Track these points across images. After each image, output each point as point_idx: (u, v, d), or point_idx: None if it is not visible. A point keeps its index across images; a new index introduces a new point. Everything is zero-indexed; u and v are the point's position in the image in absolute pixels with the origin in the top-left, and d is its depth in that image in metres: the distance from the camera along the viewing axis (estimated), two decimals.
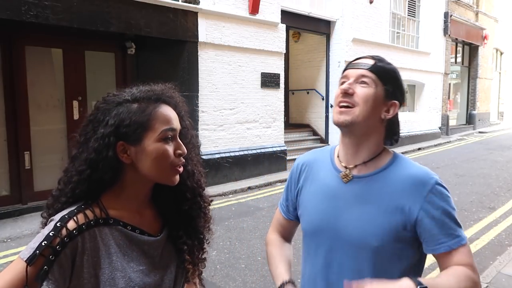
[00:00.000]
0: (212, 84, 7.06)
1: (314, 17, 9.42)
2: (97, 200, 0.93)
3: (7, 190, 5.73)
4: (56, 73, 6.26)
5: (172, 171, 0.95)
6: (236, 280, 3.55)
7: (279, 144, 8.29)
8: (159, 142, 0.92)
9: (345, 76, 1.12)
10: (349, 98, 1.08)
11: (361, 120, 1.07)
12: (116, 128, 0.90)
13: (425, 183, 1.06)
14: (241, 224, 5.07)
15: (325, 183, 1.16)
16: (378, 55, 1.18)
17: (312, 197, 1.18)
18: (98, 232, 0.90)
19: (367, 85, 1.08)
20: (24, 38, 5.73)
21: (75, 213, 0.88)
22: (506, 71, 21.24)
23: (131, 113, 0.91)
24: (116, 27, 5.79)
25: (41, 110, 6.02)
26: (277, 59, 8.17)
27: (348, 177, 1.12)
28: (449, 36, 14.22)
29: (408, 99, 13.71)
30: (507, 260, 3.79)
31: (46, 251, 0.81)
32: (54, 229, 0.84)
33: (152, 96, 0.95)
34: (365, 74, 1.09)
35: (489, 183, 7.12)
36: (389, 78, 1.12)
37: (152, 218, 1.02)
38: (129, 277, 0.91)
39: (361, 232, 1.07)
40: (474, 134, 15.64)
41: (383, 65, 1.13)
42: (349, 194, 1.11)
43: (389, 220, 1.05)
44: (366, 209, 1.07)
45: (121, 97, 0.95)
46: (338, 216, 1.11)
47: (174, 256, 1.05)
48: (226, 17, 7.16)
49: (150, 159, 0.92)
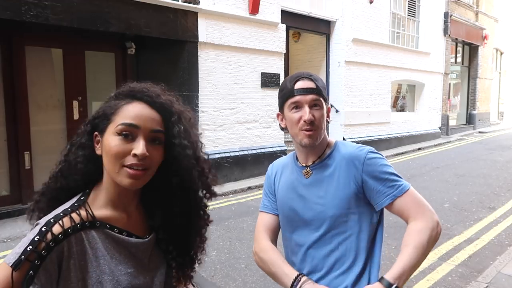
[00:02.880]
0: (212, 84, 7.06)
1: (314, 17, 9.42)
2: (84, 201, 0.92)
3: (7, 190, 5.72)
4: (56, 73, 6.25)
5: (121, 170, 0.88)
6: (236, 280, 3.55)
7: (279, 144, 8.29)
8: (114, 135, 0.89)
9: (298, 102, 1.31)
10: (312, 124, 1.30)
11: (321, 136, 1.35)
12: (93, 118, 0.95)
13: (359, 156, 1.32)
14: (241, 224, 5.08)
15: (292, 179, 1.43)
16: (307, 71, 1.38)
17: (284, 191, 1.44)
18: (85, 236, 0.88)
19: (319, 108, 1.32)
20: (24, 38, 5.72)
21: (61, 217, 0.86)
22: (506, 71, 21.24)
23: (107, 107, 0.94)
24: (116, 27, 5.78)
25: (41, 110, 6.02)
26: (277, 59, 8.18)
27: (309, 173, 1.38)
28: (449, 36, 14.22)
29: (408, 99, 13.73)
30: (507, 260, 3.79)
31: (32, 255, 0.80)
32: (39, 233, 0.83)
33: (129, 93, 0.94)
34: (315, 98, 1.31)
35: (489, 183, 7.12)
36: (325, 90, 1.36)
37: (140, 219, 1.00)
38: (117, 280, 0.90)
39: (322, 207, 1.32)
40: (474, 134, 15.64)
41: (320, 83, 1.34)
42: (311, 185, 1.37)
43: (344, 192, 1.30)
44: (324, 189, 1.34)
45: (112, 92, 0.98)
46: (303, 203, 1.36)
47: (164, 263, 1.03)
48: (226, 17, 7.16)
49: (105, 152, 0.90)
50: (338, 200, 1.30)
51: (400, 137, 11.95)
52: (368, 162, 1.30)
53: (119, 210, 0.95)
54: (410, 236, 1.22)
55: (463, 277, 3.59)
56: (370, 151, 1.33)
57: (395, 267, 1.19)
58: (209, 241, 1.11)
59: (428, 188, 6.52)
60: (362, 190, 1.30)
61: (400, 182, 1.29)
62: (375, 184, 1.28)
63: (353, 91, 10.29)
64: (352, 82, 10.26)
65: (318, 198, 1.34)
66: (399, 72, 11.99)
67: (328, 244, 1.32)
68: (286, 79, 1.38)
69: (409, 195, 1.27)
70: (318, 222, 1.33)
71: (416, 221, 1.23)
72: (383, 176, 1.28)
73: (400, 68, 11.94)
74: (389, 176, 1.29)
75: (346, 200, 1.30)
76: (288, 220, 1.42)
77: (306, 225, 1.36)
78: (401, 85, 13.36)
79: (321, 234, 1.32)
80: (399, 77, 12.14)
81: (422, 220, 1.23)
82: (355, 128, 10.30)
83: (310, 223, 1.34)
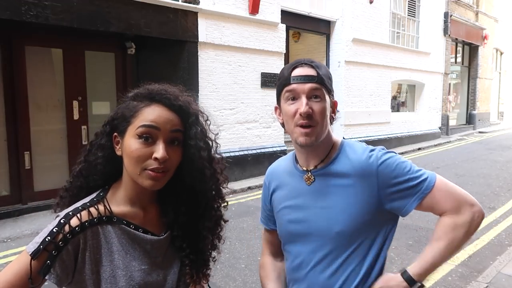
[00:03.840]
0: (212, 84, 7.06)
1: (314, 17, 9.42)
2: (103, 196, 0.95)
3: (7, 190, 5.72)
4: (56, 73, 6.25)
5: (143, 172, 0.91)
6: (236, 280, 3.55)
7: (279, 144, 8.29)
8: (134, 138, 0.91)
9: (293, 90, 1.10)
10: (310, 119, 1.09)
11: (322, 134, 1.13)
12: (111, 119, 0.97)
13: (371, 167, 1.11)
14: (241, 224, 5.08)
15: (290, 186, 1.23)
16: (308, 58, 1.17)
17: (281, 200, 1.25)
18: (101, 230, 0.91)
19: (320, 100, 1.10)
20: (24, 38, 5.72)
21: (79, 210, 0.90)
22: (506, 71, 21.24)
23: (126, 108, 0.95)
24: (116, 27, 5.79)
25: (41, 110, 6.02)
26: (277, 59, 8.17)
27: (311, 179, 1.18)
28: (449, 36, 14.22)
29: (408, 99, 13.72)
30: (507, 260, 3.79)
31: (49, 246, 0.84)
32: (58, 225, 0.86)
33: (149, 95, 0.95)
34: (315, 88, 1.09)
35: (489, 183, 7.12)
36: (330, 81, 1.14)
37: (156, 217, 1.02)
38: (130, 276, 0.92)
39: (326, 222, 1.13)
40: (474, 134, 15.64)
41: (323, 71, 1.13)
42: (313, 194, 1.17)
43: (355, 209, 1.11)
44: (330, 200, 1.14)
45: (130, 93, 0.99)
46: (304, 214, 1.18)
47: (178, 257, 1.04)
48: (226, 17, 7.16)
49: (126, 154, 0.93)
50: (347, 216, 1.11)
51: (400, 137, 11.95)
52: (382, 171, 1.10)
53: (136, 207, 0.98)
54: (445, 230, 1.08)
55: (463, 277, 3.58)
56: (380, 158, 1.12)
57: (421, 261, 1.07)
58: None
59: None
60: (383, 203, 1.11)
61: (424, 175, 1.11)
62: (396, 189, 1.10)
63: (353, 91, 10.29)
64: (352, 82, 10.26)
65: (321, 209, 1.15)
66: (399, 72, 11.99)
67: (333, 265, 1.14)
68: (285, 66, 1.18)
69: (438, 187, 1.10)
70: (321, 239, 1.15)
71: (452, 215, 1.08)
72: (402, 178, 1.10)
73: (400, 68, 11.94)
74: (409, 175, 1.10)
75: (359, 218, 1.11)
76: (286, 234, 1.24)
77: (307, 242, 1.17)
78: (401, 85, 13.36)
79: (325, 253, 1.14)
80: (399, 77, 12.14)
81: (459, 214, 1.08)
82: (355, 128, 10.30)
83: (312, 239, 1.16)
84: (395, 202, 1.11)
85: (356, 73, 10.34)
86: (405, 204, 1.10)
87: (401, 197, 1.10)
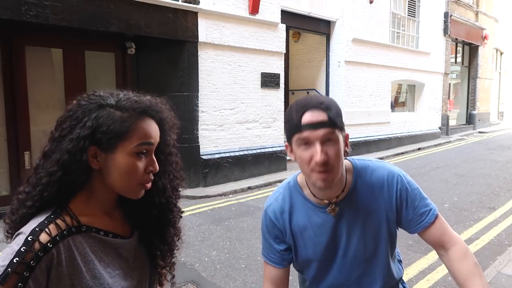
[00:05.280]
0: (212, 84, 7.06)
1: (314, 17, 9.42)
2: (65, 206, 0.90)
3: (7, 190, 5.72)
4: (56, 73, 6.26)
5: (138, 187, 0.93)
6: (236, 280, 3.55)
7: (279, 144, 8.29)
8: (132, 156, 0.89)
9: (306, 139, 1.07)
10: (326, 165, 1.07)
11: (339, 174, 1.13)
12: (92, 131, 0.88)
13: (390, 184, 1.22)
14: (241, 224, 5.07)
15: (313, 220, 1.24)
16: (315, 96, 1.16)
17: (307, 234, 1.26)
18: (72, 241, 0.87)
19: (334, 143, 1.08)
20: (24, 38, 5.72)
21: (46, 224, 0.84)
22: (506, 71, 21.24)
23: (111, 120, 0.89)
24: (116, 27, 5.78)
25: (41, 110, 6.02)
26: (277, 59, 8.17)
27: (335, 210, 1.21)
28: (449, 36, 14.23)
29: (408, 99, 13.73)
30: (507, 260, 3.79)
31: (19, 268, 0.78)
32: (25, 243, 0.80)
33: (138, 108, 0.92)
34: (329, 132, 1.07)
35: (489, 183, 7.12)
36: (340, 118, 1.12)
37: (121, 219, 1.02)
38: (107, 283, 0.91)
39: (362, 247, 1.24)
40: (474, 134, 15.64)
41: (334, 112, 1.09)
42: (342, 223, 1.23)
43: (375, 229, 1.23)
44: (359, 227, 1.23)
45: (105, 99, 0.92)
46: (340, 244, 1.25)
47: (147, 258, 1.06)
48: (226, 17, 7.16)
49: (118, 171, 0.90)
50: (373, 238, 1.23)
51: (400, 137, 11.95)
52: (401, 189, 1.22)
53: (102, 213, 0.96)
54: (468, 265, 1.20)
55: None
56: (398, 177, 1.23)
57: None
58: (209, 241, 1.14)
59: (428, 188, 6.51)
60: (395, 221, 1.25)
61: (430, 206, 1.24)
62: (407, 212, 1.23)
63: (353, 91, 10.29)
64: (352, 82, 10.26)
65: (354, 236, 1.23)
66: (399, 72, 11.99)
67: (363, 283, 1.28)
68: (292, 106, 1.12)
69: (439, 219, 1.23)
70: (355, 264, 1.26)
71: (456, 246, 1.21)
72: (414, 204, 1.22)
73: (400, 68, 11.94)
74: (419, 201, 1.23)
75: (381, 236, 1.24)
76: (317, 265, 1.28)
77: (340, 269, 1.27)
78: (401, 85, 13.36)
79: (359, 274, 1.27)
80: (399, 77, 12.14)
81: (460, 244, 1.22)
82: (355, 128, 10.30)
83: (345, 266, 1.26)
84: (403, 222, 1.25)
85: (356, 73, 10.34)
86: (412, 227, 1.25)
87: (410, 220, 1.24)
